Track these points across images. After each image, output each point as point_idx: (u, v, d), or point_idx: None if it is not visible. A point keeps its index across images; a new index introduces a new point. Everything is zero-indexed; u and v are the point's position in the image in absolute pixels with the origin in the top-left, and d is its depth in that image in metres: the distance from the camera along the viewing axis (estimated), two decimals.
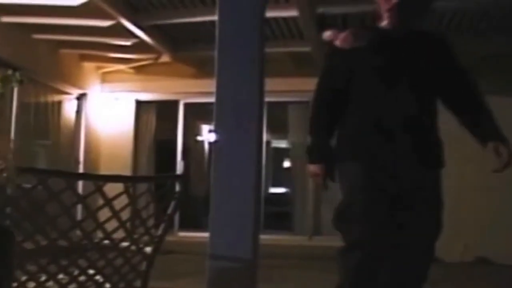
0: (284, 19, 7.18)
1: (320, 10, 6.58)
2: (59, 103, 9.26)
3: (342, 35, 3.18)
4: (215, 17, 7.01)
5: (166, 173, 9.58)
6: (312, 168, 3.23)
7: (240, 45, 2.75)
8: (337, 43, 3.21)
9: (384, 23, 3.16)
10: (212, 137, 10.14)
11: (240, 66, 2.73)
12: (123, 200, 2.84)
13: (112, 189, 2.73)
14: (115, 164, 9.36)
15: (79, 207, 3.02)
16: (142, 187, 3.50)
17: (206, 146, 14.12)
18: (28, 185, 2.59)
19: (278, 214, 10.03)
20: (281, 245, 8.30)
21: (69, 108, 9.49)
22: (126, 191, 3.14)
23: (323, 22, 6.73)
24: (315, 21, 6.58)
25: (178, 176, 4.05)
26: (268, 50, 3.22)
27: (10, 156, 2.44)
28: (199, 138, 13.72)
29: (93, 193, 2.79)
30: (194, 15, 7.15)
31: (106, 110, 9.97)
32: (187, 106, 10.13)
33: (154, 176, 8.41)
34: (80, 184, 5.15)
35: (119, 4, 6.72)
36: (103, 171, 9.29)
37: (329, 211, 9.14)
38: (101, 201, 2.83)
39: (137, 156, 10.16)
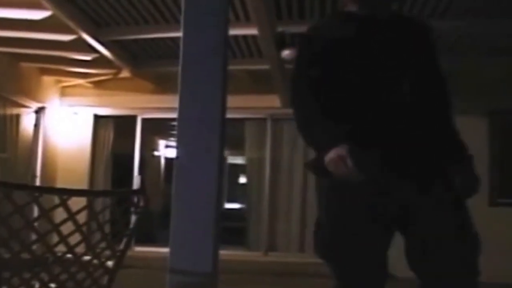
0: (244, 37, 7.27)
1: (280, 29, 6.66)
2: (17, 116, 9.19)
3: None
4: (176, 34, 7.12)
5: (126, 188, 9.60)
6: (333, 153, 2.35)
7: (203, 63, 2.83)
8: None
9: (353, 8, 2.66)
10: (171, 152, 10.16)
11: (203, 83, 2.80)
12: (81, 214, 2.88)
13: (73, 203, 2.78)
14: (72, 178, 9.33)
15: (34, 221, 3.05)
16: (102, 201, 3.56)
17: (163, 161, 14.16)
18: None
19: (233, 230, 10.06)
20: (236, 261, 8.33)
21: (27, 121, 9.42)
22: (89, 205, 3.19)
23: (282, 41, 6.82)
24: (274, 39, 6.66)
25: (140, 191, 4.06)
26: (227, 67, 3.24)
27: None
28: (155, 153, 13.75)
29: (58, 206, 2.83)
30: (156, 32, 7.20)
31: (64, 124, 9.94)
32: (144, 121, 10.15)
33: (117, 191, 8.41)
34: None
35: (81, 19, 6.73)
36: (60, 185, 9.24)
37: (284, 226, 9.27)
38: (55, 215, 2.86)
39: (94, 170, 10.13)
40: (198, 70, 2.81)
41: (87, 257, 3.06)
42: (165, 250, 8.64)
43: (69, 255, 2.97)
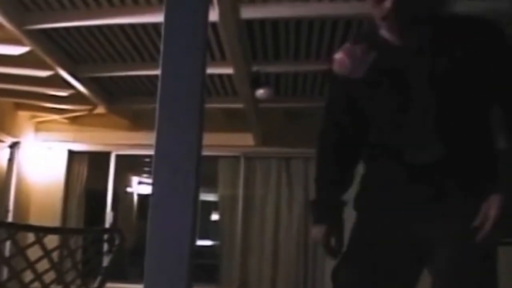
0: (220, 76, 7.38)
1: (255, 68, 6.78)
2: None
3: (339, 58, 2.40)
4: (151, 72, 7.23)
5: (99, 225, 9.62)
6: (313, 231, 2.49)
7: (180, 101, 2.89)
8: (335, 68, 2.43)
9: (383, 32, 2.31)
10: (144, 189, 10.18)
11: (180, 121, 2.86)
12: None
13: (47, 240, 2.82)
14: (45, 214, 9.34)
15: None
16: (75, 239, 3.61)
17: (135, 197, 14.15)
18: None
19: (205, 267, 10.07)
20: None
21: (1, 156, 9.43)
22: (65, 243, 3.24)
23: (257, 80, 6.93)
24: (249, 79, 6.77)
25: (116, 229, 4.12)
26: None
27: None
28: (128, 189, 13.74)
29: (34, 244, 2.87)
30: (132, 69, 7.29)
31: (38, 159, 9.94)
32: (118, 157, 10.18)
33: (93, 229, 8.41)
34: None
35: (59, 55, 6.80)
36: (33, 220, 9.22)
37: (256, 263, 9.31)
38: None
39: (67, 206, 10.11)
40: (175, 108, 2.87)
41: None
42: (137, 286, 8.67)
43: None
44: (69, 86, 7.60)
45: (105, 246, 3.33)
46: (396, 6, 2.11)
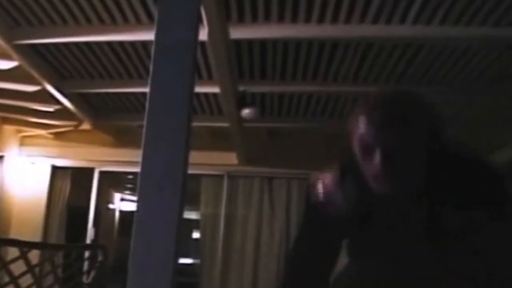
0: (205, 95, 7.43)
1: (241, 88, 6.84)
2: None
3: (316, 186, 2.24)
4: (138, 89, 7.27)
5: (80, 241, 9.61)
6: None
7: (168, 119, 2.93)
8: (316, 199, 2.24)
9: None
10: (126, 205, 10.17)
11: (167, 139, 2.90)
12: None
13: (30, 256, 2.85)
14: (26, 229, 9.30)
15: None
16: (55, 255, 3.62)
17: (117, 214, 14.13)
18: None
19: (185, 285, 10.07)
20: None
21: None
22: (48, 259, 3.27)
23: (243, 100, 6.99)
24: (235, 98, 6.83)
25: (100, 245, 4.14)
26: None
27: None
28: (110, 206, 13.73)
29: (18, 259, 2.90)
30: (119, 86, 7.31)
31: (22, 174, 9.93)
32: (102, 174, 10.18)
33: (77, 245, 8.39)
34: None
35: (46, 70, 6.82)
36: (14, 235, 9.17)
37: (236, 282, 9.32)
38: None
39: (49, 221, 10.07)
40: (162, 126, 2.92)
41: None
42: None
43: None
44: (56, 101, 7.62)
45: (86, 264, 3.36)
46: (388, 169, 1.91)
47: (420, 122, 1.96)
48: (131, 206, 14.25)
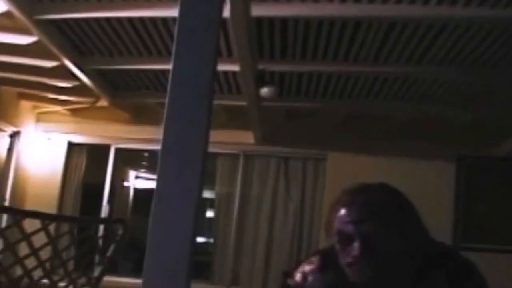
0: (225, 73, 7.38)
1: (261, 66, 6.80)
2: None
3: (298, 275, 2.24)
4: (157, 66, 7.24)
5: (102, 217, 9.64)
6: None
7: (190, 96, 2.91)
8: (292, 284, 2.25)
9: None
10: (141, 183, 10.15)
11: (189, 116, 2.88)
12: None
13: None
14: (41, 204, 9.29)
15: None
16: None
17: (131, 192, 14.14)
18: None
19: (198, 263, 10.08)
20: None
21: (0, 145, 9.45)
22: (71, 231, 3.27)
23: (262, 79, 6.95)
24: (254, 77, 6.78)
25: (120, 220, 4.13)
26: None
27: None
28: (125, 183, 13.74)
29: (39, 231, 2.89)
30: (138, 63, 7.29)
31: (37, 150, 9.95)
32: (118, 151, 10.19)
33: (99, 218, 8.41)
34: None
35: (66, 46, 6.80)
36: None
37: (249, 262, 9.32)
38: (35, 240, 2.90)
39: (64, 197, 10.11)
40: (184, 104, 2.89)
41: (63, 283, 3.12)
42: (128, 280, 8.66)
43: (45, 280, 3.03)
44: (74, 77, 7.61)
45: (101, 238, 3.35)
46: (365, 259, 1.93)
47: (396, 216, 2.05)
48: (146, 184, 14.28)
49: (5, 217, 6.31)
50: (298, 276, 2.25)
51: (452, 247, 2.08)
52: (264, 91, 7.08)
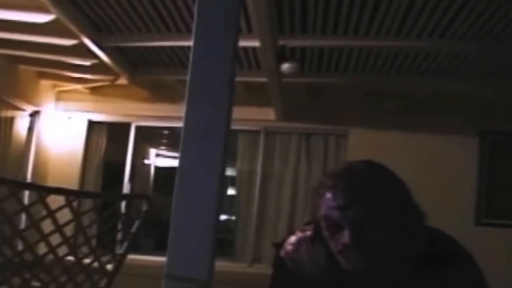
0: (244, 49, 7.30)
1: (282, 42, 6.72)
2: (12, 119, 9.22)
3: (288, 249, 2.17)
4: (177, 43, 7.17)
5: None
6: None
7: (212, 73, 2.86)
8: (283, 255, 2.19)
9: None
10: (161, 161, 10.12)
11: (211, 94, 2.83)
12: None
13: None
14: (62, 183, 9.26)
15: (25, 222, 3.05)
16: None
17: (152, 170, 14.16)
18: None
19: (220, 241, 10.07)
20: (221, 271, 8.32)
21: (21, 124, 9.45)
22: (95, 207, 3.24)
23: (283, 54, 6.87)
24: (275, 53, 6.70)
25: (145, 196, 4.10)
26: None
27: None
28: (146, 161, 13.76)
29: (64, 207, 2.86)
30: (157, 40, 7.23)
31: (58, 129, 9.95)
32: (138, 129, 10.17)
33: (123, 194, 8.42)
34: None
35: (84, 24, 6.75)
36: None
37: (270, 239, 9.29)
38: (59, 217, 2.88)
39: (85, 176, 10.12)
40: (206, 80, 2.84)
41: (87, 260, 3.10)
42: (149, 258, 8.65)
43: (70, 257, 3.01)
44: (93, 55, 7.57)
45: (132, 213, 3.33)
46: (353, 247, 1.85)
47: (388, 198, 1.90)
48: (167, 162, 14.30)
49: (26, 194, 6.29)
50: (288, 247, 2.19)
51: (444, 233, 1.93)
52: (285, 67, 7.00)
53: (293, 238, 2.22)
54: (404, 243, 1.89)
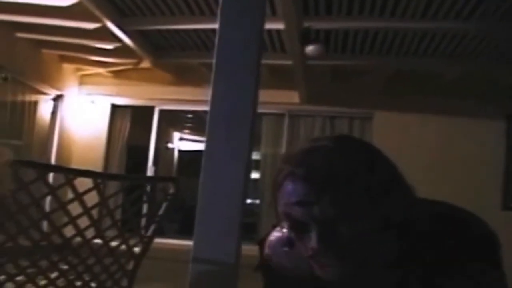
0: (268, 31, 7.25)
1: (306, 24, 6.65)
2: (35, 103, 9.25)
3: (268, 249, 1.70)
4: (200, 26, 7.12)
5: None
6: None
7: (238, 56, 2.82)
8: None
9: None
10: (185, 145, 10.10)
11: (237, 76, 2.79)
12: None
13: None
14: (86, 167, 9.26)
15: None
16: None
17: (176, 153, 14.16)
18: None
19: (243, 225, 10.05)
20: (245, 255, 8.31)
21: (44, 108, 9.48)
22: (122, 190, 3.22)
23: (307, 37, 6.81)
24: (299, 35, 6.65)
25: (172, 178, 4.07)
26: None
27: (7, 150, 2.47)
28: (169, 145, 13.76)
29: (91, 190, 2.84)
30: (180, 23, 7.20)
31: (81, 113, 9.96)
32: (162, 112, 10.15)
33: (150, 177, 8.42)
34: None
35: (107, 7, 6.74)
36: None
37: None
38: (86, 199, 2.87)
39: (109, 159, 10.15)
40: (232, 63, 2.80)
41: (115, 243, 3.08)
42: (174, 242, 8.62)
43: (97, 240, 3.00)
44: (116, 39, 7.57)
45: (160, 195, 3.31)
46: (327, 251, 1.38)
47: (363, 184, 1.36)
48: (190, 146, 14.29)
49: (51, 177, 6.31)
50: (267, 247, 1.67)
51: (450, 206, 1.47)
52: (309, 49, 6.94)
53: (273, 237, 1.69)
54: (390, 238, 1.41)
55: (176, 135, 14.34)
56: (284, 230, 1.59)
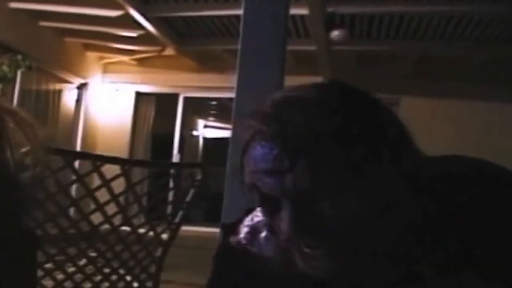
0: (292, 17, 7.19)
1: (330, 9, 6.59)
2: (60, 91, 9.28)
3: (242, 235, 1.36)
4: (223, 12, 7.09)
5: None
6: None
7: (263, 42, 2.79)
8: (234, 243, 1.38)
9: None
10: (210, 132, 10.11)
11: (262, 62, 2.76)
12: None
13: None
14: (112, 154, 9.35)
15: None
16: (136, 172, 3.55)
17: (201, 141, 14.14)
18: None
19: None
20: None
21: (69, 97, 9.51)
22: (150, 177, 3.20)
23: (332, 22, 6.76)
24: (323, 20, 6.59)
25: (199, 164, 4.06)
26: None
27: (38, 137, 2.44)
28: (194, 133, 13.75)
29: (119, 176, 2.83)
30: (203, 10, 7.16)
31: (105, 101, 9.99)
32: (186, 100, 10.15)
33: (178, 163, 8.42)
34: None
35: None
36: None
37: None
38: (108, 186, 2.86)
39: (134, 147, 10.16)
40: (257, 49, 2.77)
41: (143, 229, 3.08)
42: (198, 229, 8.62)
43: (125, 227, 2.99)
44: (139, 26, 7.55)
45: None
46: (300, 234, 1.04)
47: (360, 142, 1.00)
48: (215, 133, 14.26)
49: (77, 164, 6.33)
50: (243, 233, 1.35)
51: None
52: (334, 34, 6.89)
53: (248, 222, 1.38)
54: (395, 219, 1.06)
55: (201, 122, 14.31)
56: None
